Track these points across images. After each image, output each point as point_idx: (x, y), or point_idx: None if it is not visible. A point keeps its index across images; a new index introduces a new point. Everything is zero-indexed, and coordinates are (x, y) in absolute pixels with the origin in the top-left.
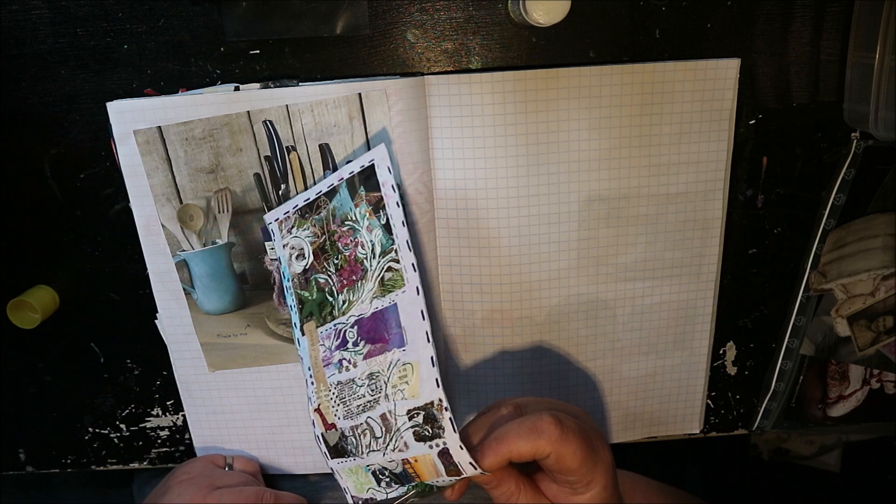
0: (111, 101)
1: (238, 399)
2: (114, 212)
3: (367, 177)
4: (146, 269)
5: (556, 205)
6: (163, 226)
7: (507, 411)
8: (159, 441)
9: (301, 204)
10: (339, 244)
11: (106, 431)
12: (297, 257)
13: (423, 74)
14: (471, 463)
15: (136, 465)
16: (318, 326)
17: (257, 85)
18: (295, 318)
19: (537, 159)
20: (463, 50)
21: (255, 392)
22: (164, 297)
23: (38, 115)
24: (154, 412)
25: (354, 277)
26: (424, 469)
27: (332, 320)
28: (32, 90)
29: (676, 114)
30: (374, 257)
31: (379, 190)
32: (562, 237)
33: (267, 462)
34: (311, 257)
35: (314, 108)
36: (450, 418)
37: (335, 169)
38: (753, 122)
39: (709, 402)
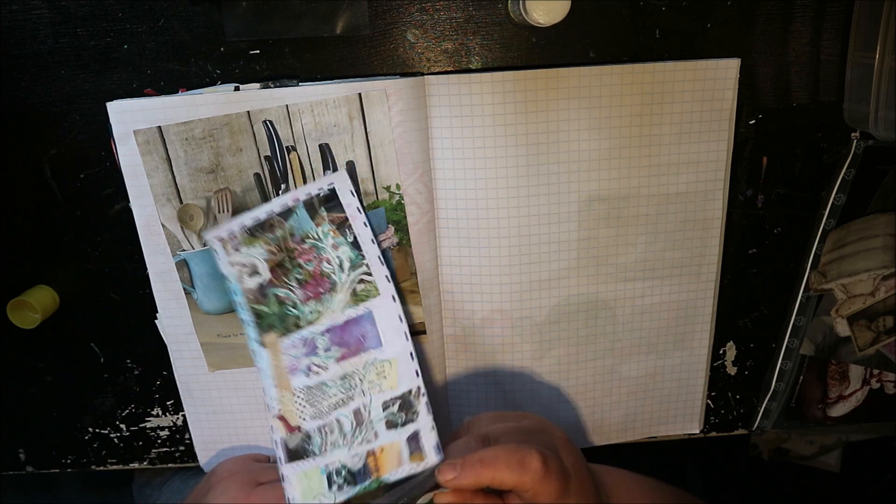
0: (111, 101)
1: (238, 399)
2: (114, 212)
3: (328, 199)
4: (146, 269)
5: (556, 205)
6: (163, 226)
7: (476, 446)
8: (159, 441)
9: (249, 224)
10: (300, 260)
11: (106, 431)
12: (249, 274)
13: (423, 74)
14: (435, 446)
15: (136, 465)
16: (280, 336)
17: (257, 85)
18: (252, 332)
19: (537, 159)
20: (463, 50)
21: (255, 392)
22: (164, 297)
23: (38, 115)
24: (154, 412)
25: (321, 290)
26: (387, 460)
27: (298, 330)
28: (32, 90)
29: (676, 114)
30: (342, 271)
31: (342, 211)
32: (562, 237)
33: None
34: (269, 273)
35: (314, 108)
36: (426, 402)
37: (335, 169)
38: (753, 122)
39: (709, 402)
